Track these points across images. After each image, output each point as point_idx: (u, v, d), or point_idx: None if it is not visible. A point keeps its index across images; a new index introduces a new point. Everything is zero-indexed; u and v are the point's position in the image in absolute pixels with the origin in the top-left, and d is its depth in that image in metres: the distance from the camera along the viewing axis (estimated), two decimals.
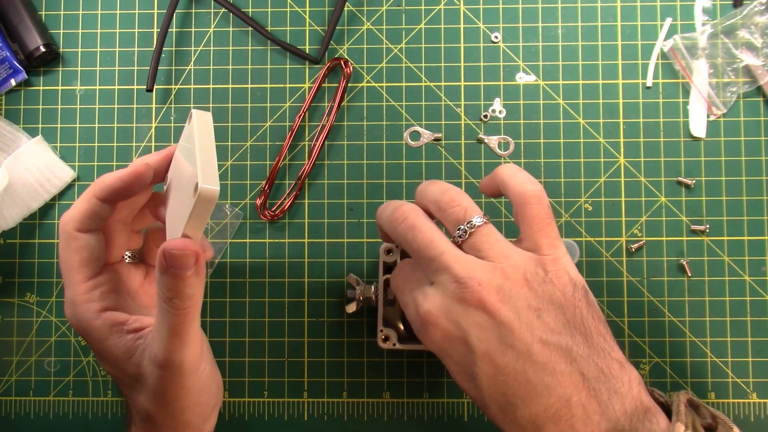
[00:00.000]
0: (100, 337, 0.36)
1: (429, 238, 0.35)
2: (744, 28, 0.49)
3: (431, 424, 0.48)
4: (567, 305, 0.34)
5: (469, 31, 0.50)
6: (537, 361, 0.32)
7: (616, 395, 0.32)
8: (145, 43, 0.51)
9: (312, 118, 0.50)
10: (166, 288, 0.33)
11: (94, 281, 0.36)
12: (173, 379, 0.35)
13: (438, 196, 0.37)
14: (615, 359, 0.33)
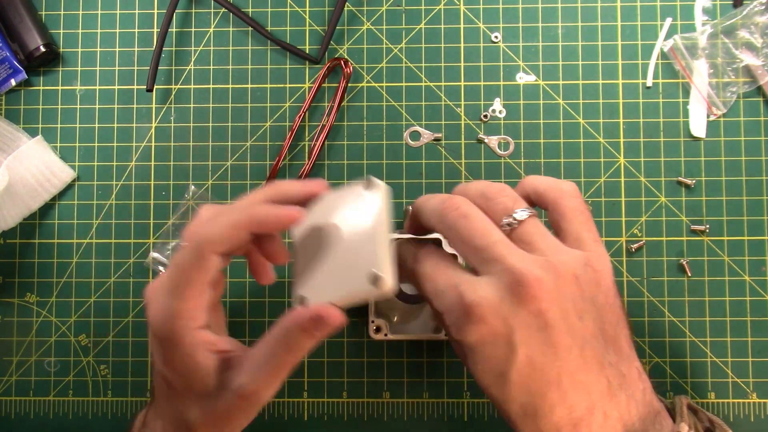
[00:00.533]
0: (186, 352, 0.34)
1: (482, 227, 0.34)
2: (744, 28, 0.49)
3: (431, 424, 0.48)
4: (606, 308, 0.33)
5: (469, 31, 0.50)
6: (572, 366, 0.32)
7: (633, 401, 0.32)
8: (145, 43, 0.51)
9: (312, 118, 0.50)
10: (293, 341, 0.34)
11: (202, 299, 0.35)
12: (246, 409, 0.35)
13: (484, 187, 0.36)
14: (635, 367, 0.33)
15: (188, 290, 0.34)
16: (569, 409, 0.32)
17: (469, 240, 0.34)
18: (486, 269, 0.33)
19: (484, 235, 0.33)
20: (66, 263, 0.50)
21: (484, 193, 0.35)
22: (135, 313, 0.49)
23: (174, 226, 0.50)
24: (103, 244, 0.50)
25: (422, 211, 0.37)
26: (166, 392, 0.36)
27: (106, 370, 0.49)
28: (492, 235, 0.33)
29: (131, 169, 0.50)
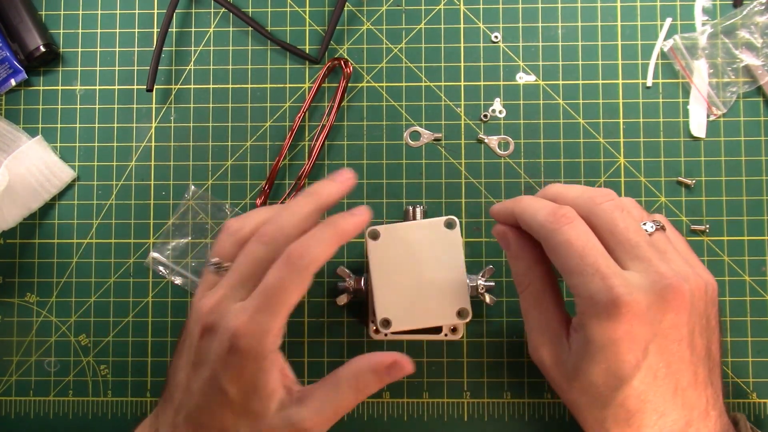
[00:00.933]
0: (262, 369, 0.34)
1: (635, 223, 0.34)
2: (744, 28, 0.49)
3: (431, 424, 0.48)
4: (713, 329, 0.34)
5: (469, 31, 0.50)
6: (686, 382, 0.32)
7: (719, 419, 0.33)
8: (145, 43, 0.51)
9: (312, 118, 0.50)
10: (363, 383, 0.35)
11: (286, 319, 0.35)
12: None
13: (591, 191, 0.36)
14: (719, 387, 0.34)
15: (285, 309, 0.34)
16: (672, 423, 0.32)
17: (624, 231, 0.34)
18: (634, 266, 0.33)
19: (638, 231, 0.34)
20: (66, 263, 0.50)
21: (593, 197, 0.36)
22: (135, 313, 0.49)
23: (174, 226, 0.50)
24: (103, 244, 0.50)
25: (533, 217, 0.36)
26: (212, 402, 0.35)
27: (106, 370, 0.49)
28: (643, 234, 0.34)
29: (131, 169, 0.50)
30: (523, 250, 0.38)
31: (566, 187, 0.38)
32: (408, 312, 0.40)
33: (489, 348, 0.48)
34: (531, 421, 0.48)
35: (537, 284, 0.38)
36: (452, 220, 0.41)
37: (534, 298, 0.37)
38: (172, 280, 0.49)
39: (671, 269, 0.33)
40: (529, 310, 0.38)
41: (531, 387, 0.48)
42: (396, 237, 0.41)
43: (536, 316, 0.37)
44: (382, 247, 0.41)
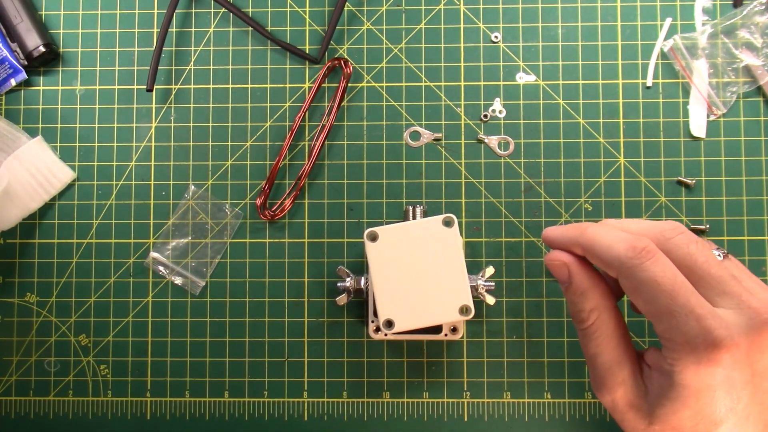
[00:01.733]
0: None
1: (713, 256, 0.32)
2: (744, 28, 0.49)
3: (431, 424, 0.48)
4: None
5: (469, 31, 0.50)
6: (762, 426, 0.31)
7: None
8: (145, 43, 0.51)
9: (312, 118, 0.50)
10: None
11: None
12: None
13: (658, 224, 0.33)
14: None
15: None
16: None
17: (705, 266, 0.31)
18: (724, 302, 0.31)
19: (719, 264, 0.31)
20: (66, 263, 0.50)
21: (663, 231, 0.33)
22: (135, 313, 0.49)
23: (174, 226, 0.50)
24: (103, 244, 0.50)
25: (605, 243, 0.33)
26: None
27: (106, 370, 0.49)
28: (723, 267, 0.31)
29: (131, 169, 0.50)
30: (590, 284, 0.34)
31: (626, 222, 0.34)
32: (410, 312, 0.40)
33: (489, 348, 0.48)
34: (531, 420, 0.48)
35: (606, 321, 0.34)
36: (450, 218, 0.41)
37: (603, 336, 0.34)
38: (172, 280, 0.49)
39: (761, 302, 0.31)
40: (596, 349, 0.34)
41: (531, 387, 0.48)
42: (394, 237, 0.41)
43: (606, 355, 0.34)
44: (381, 248, 0.41)
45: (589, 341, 0.35)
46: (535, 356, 0.48)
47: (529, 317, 0.48)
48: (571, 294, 0.35)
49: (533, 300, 0.49)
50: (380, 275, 0.41)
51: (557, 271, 0.35)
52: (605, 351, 0.34)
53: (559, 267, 0.35)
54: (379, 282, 0.41)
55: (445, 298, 0.40)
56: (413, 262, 0.41)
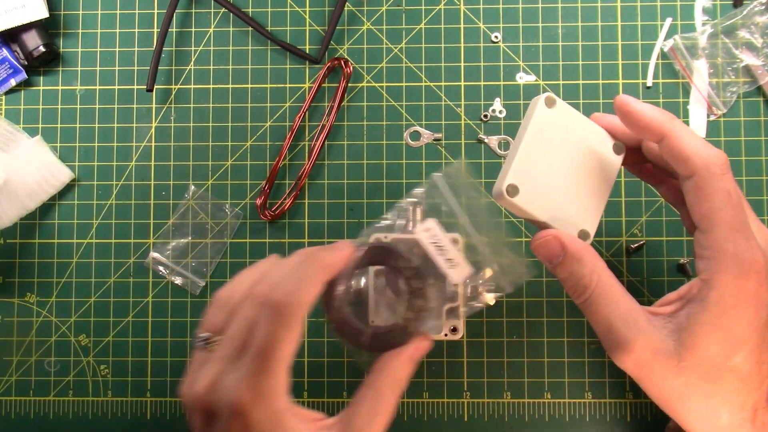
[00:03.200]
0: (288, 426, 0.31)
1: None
2: (744, 28, 0.49)
3: (431, 424, 0.48)
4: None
5: (469, 31, 0.50)
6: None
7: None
8: (145, 43, 0.51)
9: (312, 118, 0.50)
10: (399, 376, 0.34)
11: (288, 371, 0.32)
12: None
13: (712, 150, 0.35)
14: None
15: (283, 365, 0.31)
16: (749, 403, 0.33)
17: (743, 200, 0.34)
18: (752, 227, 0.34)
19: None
20: (66, 263, 0.50)
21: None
22: (135, 313, 0.49)
23: (174, 226, 0.50)
24: (103, 244, 0.50)
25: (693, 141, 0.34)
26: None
27: (106, 370, 0.49)
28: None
29: (131, 169, 0.50)
30: (582, 247, 0.35)
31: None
32: (537, 195, 0.36)
33: (489, 348, 0.48)
34: (531, 420, 0.48)
35: (606, 279, 0.35)
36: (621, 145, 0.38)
37: (609, 294, 0.34)
38: (172, 280, 0.49)
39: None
40: (605, 309, 0.34)
41: (531, 387, 0.48)
42: (567, 119, 0.37)
43: (617, 312, 0.34)
44: (550, 118, 0.36)
45: (597, 305, 0.34)
46: (535, 356, 0.48)
47: (529, 317, 0.48)
48: (567, 264, 0.35)
49: (533, 300, 0.49)
50: (531, 142, 0.36)
51: (549, 247, 0.36)
52: (615, 308, 0.34)
53: (551, 242, 0.35)
54: (527, 147, 0.36)
55: (573, 210, 0.36)
56: (566, 155, 0.37)
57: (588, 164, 0.37)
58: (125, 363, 0.49)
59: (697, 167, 0.33)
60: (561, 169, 0.36)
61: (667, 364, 0.33)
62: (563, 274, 0.36)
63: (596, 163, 0.37)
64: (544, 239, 0.36)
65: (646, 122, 0.35)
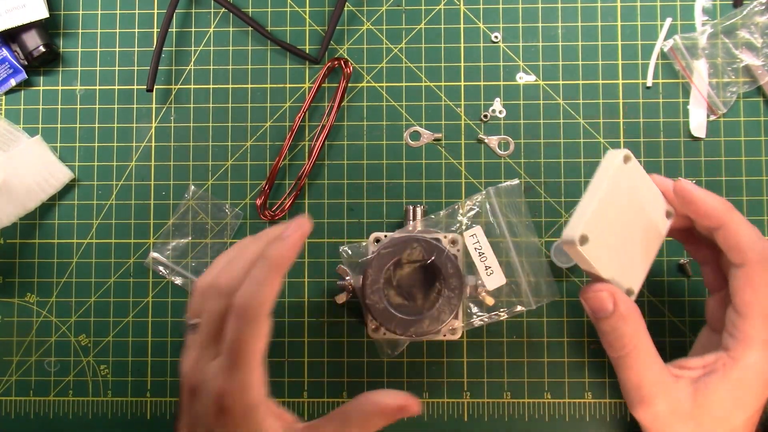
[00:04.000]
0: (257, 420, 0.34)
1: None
2: (744, 28, 0.49)
3: (431, 424, 0.48)
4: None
5: (469, 31, 0.50)
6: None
7: None
8: (145, 43, 0.51)
9: (312, 118, 0.50)
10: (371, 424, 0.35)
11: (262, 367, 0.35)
12: None
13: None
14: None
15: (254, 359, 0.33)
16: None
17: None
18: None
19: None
20: (66, 263, 0.50)
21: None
22: (135, 313, 0.49)
23: (174, 226, 0.50)
24: (103, 244, 0.50)
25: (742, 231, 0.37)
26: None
27: (106, 370, 0.49)
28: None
29: (131, 169, 0.50)
30: (631, 307, 0.38)
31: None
32: (601, 249, 0.37)
33: (489, 348, 0.48)
34: (531, 420, 0.48)
35: (645, 340, 0.38)
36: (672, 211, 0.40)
37: (645, 355, 0.38)
38: (172, 280, 0.49)
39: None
40: (639, 369, 0.38)
41: (531, 387, 0.48)
42: (635, 177, 0.39)
43: (650, 372, 0.37)
44: (623, 174, 0.38)
45: (632, 364, 0.38)
46: (535, 356, 0.48)
47: (529, 317, 0.48)
48: (615, 320, 0.38)
49: None
50: (606, 197, 0.37)
51: (601, 301, 0.38)
52: (648, 370, 0.37)
53: (604, 298, 0.38)
54: (603, 201, 0.37)
55: (626, 267, 0.38)
56: (630, 210, 0.38)
57: (643, 223, 0.39)
58: (125, 363, 0.49)
59: (750, 260, 0.37)
60: (623, 226, 0.38)
61: (684, 424, 0.37)
62: (606, 328, 0.38)
63: (649, 223, 0.39)
64: (599, 293, 0.38)
65: (706, 210, 0.37)
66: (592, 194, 0.37)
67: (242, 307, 0.34)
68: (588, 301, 0.38)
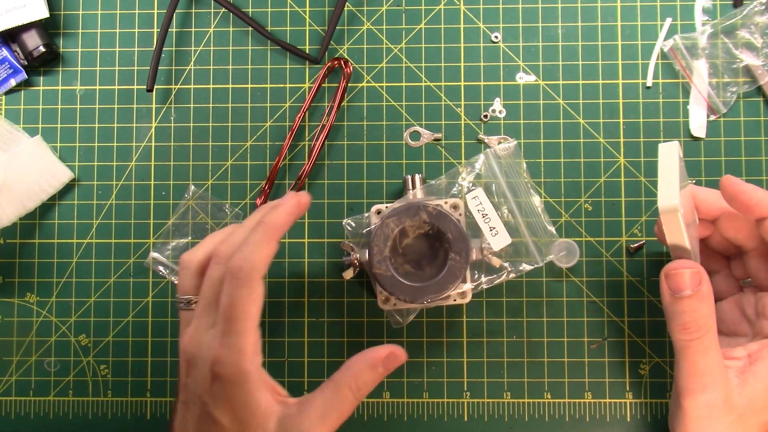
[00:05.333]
0: (251, 389, 0.34)
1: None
2: (744, 28, 0.49)
3: (431, 424, 0.48)
4: None
5: (469, 31, 0.50)
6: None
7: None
8: (145, 43, 0.51)
9: (312, 118, 0.50)
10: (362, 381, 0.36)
11: (258, 333, 0.35)
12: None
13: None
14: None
15: (248, 323, 0.34)
16: None
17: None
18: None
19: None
20: (66, 263, 0.50)
21: None
22: (135, 313, 0.50)
23: (174, 226, 0.50)
24: (103, 244, 0.50)
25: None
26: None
27: (106, 370, 0.49)
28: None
29: (131, 169, 0.50)
30: (711, 290, 0.37)
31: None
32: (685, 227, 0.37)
33: (489, 348, 0.48)
34: (531, 420, 0.48)
35: (715, 328, 0.37)
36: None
37: (713, 342, 0.37)
38: (172, 280, 0.49)
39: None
40: (707, 354, 0.37)
41: (531, 387, 0.48)
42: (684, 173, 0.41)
43: (713, 360, 0.37)
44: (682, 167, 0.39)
45: (703, 348, 0.37)
46: (535, 356, 0.48)
47: (529, 317, 0.48)
48: (696, 300, 0.37)
49: (533, 300, 0.49)
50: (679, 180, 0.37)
51: (683, 278, 0.37)
52: (716, 356, 0.37)
53: (692, 275, 0.37)
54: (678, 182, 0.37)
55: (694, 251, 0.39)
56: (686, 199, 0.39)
57: (692, 216, 0.39)
58: (125, 363, 0.49)
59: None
60: (688, 212, 0.38)
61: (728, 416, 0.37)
62: (684, 308, 0.37)
63: (694, 219, 0.40)
64: (683, 270, 0.37)
65: (756, 202, 0.37)
66: (668, 174, 0.37)
67: (235, 268, 0.34)
68: (670, 278, 0.38)
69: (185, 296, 0.38)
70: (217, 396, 0.34)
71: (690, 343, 0.37)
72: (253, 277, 0.34)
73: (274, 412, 0.35)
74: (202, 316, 0.35)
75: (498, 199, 0.45)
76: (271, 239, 0.35)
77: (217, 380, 0.34)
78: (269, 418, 0.34)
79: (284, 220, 0.36)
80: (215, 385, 0.34)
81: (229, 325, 0.34)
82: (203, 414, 0.35)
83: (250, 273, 0.34)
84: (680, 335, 0.38)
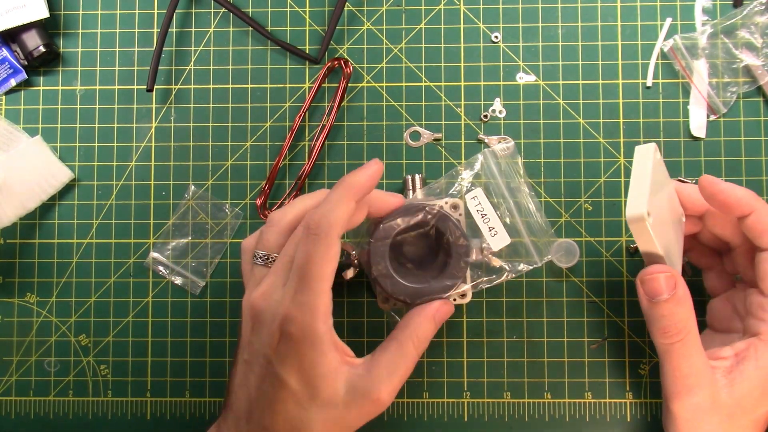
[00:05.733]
0: (322, 350, 0.34)
1: None
2: (744, 28, 0.49)
3: (431, 424, 0.48)
4: None
5: (469, 31, 0.50)
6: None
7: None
8: (145, 43, 0.51)
9: (312, 118, 0.50)
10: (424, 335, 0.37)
11: (330, 293, 0.35)
12: (374, 415, 0.35)
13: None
14: None
15: (324, 282, 0.34)
16: None
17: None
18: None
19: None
20: (66, 263, 0.50)
21: None
22: (135, 313, 0.50)
23: (174, 226, 0.50)
24: (103, 244, 0.50)
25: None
26: (274, 399, 0.34)
27: (106, 370, 0.49)
28: None
29: (131, 169, 0.50)
30: (688, 293, 0.38)
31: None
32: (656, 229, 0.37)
33: (489, 348, 0.48)
34: (531, 420, 0.48)
35: (696, 330, 0.38)
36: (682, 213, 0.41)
37: (694, 344, 0.37)
38: (172, 280, 0.49)
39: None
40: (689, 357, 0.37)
41: (531, 387, 0.48)
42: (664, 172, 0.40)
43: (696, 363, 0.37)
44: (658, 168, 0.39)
45: (684, 350, 0.37)
46: (535, 356, 0.48)
47: (529, 317, 0.48)
48: (673, 304, 0.37)
49: (533, 300, 0.49)
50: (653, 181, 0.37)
51: (658, 283, 0.38)
52: (698, 358, 0.37)
53: (666, 279, 0.37)
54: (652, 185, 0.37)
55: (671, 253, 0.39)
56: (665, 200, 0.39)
57: (673, 216, 0.39)
58: (125, 363, 0.49)
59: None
60: (665, 214, 0.38)
61: (717, 416, 0.37)
62: (662, 312, 0.38)
63: (677, 217, 0.40)
64: (657, 275, 0.38)
65: (737, 199, 0.37)
66: (639, 180, 0.37)
67: (313, 225, 0.34)
68: (645, 283, 0.38)
69: (266, 252, 0.37)
70: (284, 355, 0.33)
71: (672, 347, 0.38)
72: (331, 235, 0.34)
73: (343, 373, 0.35)
74: (279, 273, 0.35)
75: (497, 200, 0.45)
76: (349, 198, 0.35)
77: (285, 338, 0.33)
78: (338, 379, 0.34)
79: (364, 180, 0.36)
80: (283, 343, 0.33)
81: (303, 283, 0.33)
82: (268, 374, 0.34)
83: (328, 230, 0.34)
84: (661, 339, 0.38)
